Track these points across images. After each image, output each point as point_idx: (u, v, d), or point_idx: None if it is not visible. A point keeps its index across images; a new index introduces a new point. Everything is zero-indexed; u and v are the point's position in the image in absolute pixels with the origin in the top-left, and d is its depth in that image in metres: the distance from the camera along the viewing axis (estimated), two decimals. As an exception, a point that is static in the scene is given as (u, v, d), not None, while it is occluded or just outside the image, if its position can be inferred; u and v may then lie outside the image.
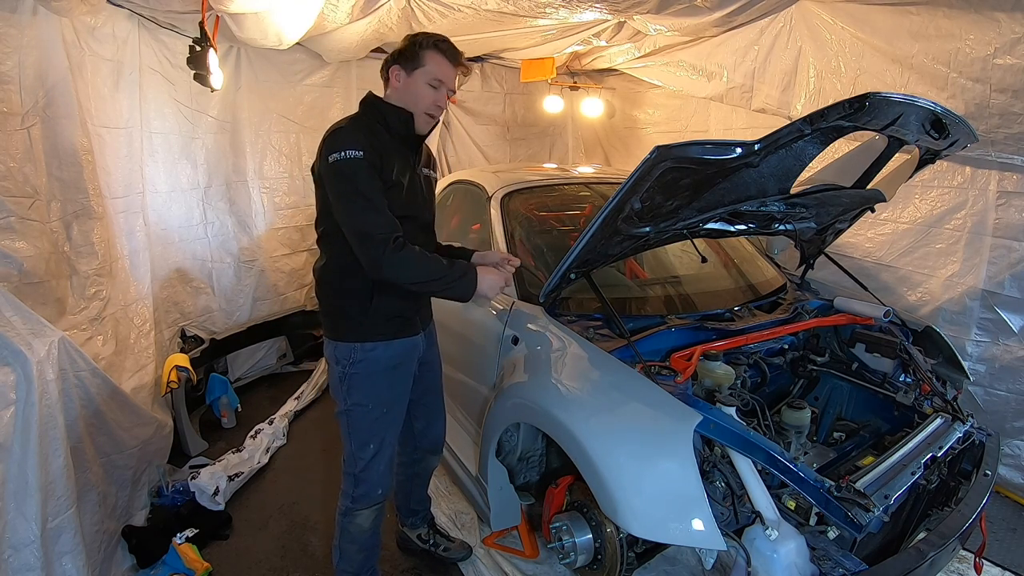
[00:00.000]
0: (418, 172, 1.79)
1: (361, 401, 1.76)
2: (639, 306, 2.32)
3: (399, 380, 1.83)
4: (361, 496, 1.82)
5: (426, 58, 1.64)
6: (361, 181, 1.54)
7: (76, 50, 2.37)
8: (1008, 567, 2.25)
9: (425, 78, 1.65)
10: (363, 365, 1.74)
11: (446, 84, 1.68)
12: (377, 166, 1.58)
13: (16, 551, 1.62)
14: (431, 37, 1.66)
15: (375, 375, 1.76)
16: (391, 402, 1.81)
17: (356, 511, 1.83)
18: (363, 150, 1.54)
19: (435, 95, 1.68)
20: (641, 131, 4.80)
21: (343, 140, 1.56)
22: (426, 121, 1.71)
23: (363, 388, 1.76)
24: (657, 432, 1.56)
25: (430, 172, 1.90)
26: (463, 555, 2.25)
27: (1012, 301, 2.59)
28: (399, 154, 1.68)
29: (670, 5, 2.70)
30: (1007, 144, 2.35)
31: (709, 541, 1.40)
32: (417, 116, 1.69)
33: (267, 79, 3.67)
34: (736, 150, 1.48)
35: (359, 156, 1.53)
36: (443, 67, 1.66)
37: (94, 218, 2.41)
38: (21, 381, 1.64)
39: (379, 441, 1.80)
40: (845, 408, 2.24)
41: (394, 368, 1.79)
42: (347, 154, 1.53)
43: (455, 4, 2.81)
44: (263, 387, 3.83)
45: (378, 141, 1.62)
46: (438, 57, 1.65)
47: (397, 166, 1.65)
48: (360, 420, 1.78)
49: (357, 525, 1.85)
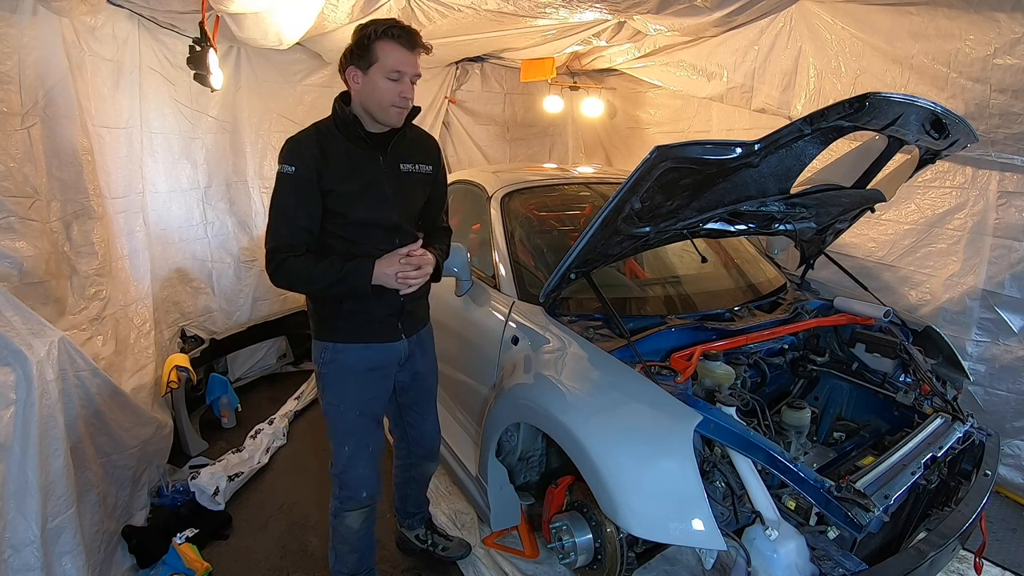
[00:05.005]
0: (385, 170, 1.69)
1: (333, 401, 1.78)
2: (639, 306, 2.32)
3: (373, 384, 1.80)
4: (346, 498, 1.82)
5: (378, 51, 1.55)
6: (282, 195, 1.60)
7: (76, 50, 2.37)
8: (1008, 567, 2.25)
9: (382, 73, 1.56)
10: (333, 366, 1.76)
11: (406, 72, 1.58)
12: (312, 179, 1.58)
13: (16, 551, 1.62)
14: (380, 25, 1.55)
15: (346, 376, 1.76)
16: (364, 405, 1.79)
17: (344, 512, 1.84)
18: (296, 164, 1.58)
19: (398, 87, 1.58)
20: (643, 131, 4.80)
21: (284, 153, 1.61)
22: (396, 115, 1.62)
23: (335, 388, 1.77)
24: (657, 432, 1.56)
25: (417, 167, 1.78)
26: (462, 553, 2.25)
27: (1012, 301, 2.59)
28: (357, 154, 1.65)
29: (670, 5, 2.70)
30: (1007, 144, 2.35)
31: (709, 541, 1.40)
32: (383, 113, 1.61)
33: (267, 79, 3.67)
34: (736, 150, 1.48)
35: (290, 172, 1.58)
36: (398, 55, 1.56)
37: (94, 218, 2.41)
38: (21, 381, 1.64)
39: (354, 443, 1.79)
40: (845, 408, 2.24)
41: (367, 371, 1.78)
42: (284, 168, 1.59)
43: (455, 4, 2.81)
44: (263, 387, 3.83)
45: (330, 148, 1.61)
46: (391, 46, 1.55)
47: (348, 167, 1.63)
48: (335, 420, 1.79)
49: (346, 526, 1.85)
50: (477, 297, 2.40)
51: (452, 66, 4.66)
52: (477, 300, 2.39)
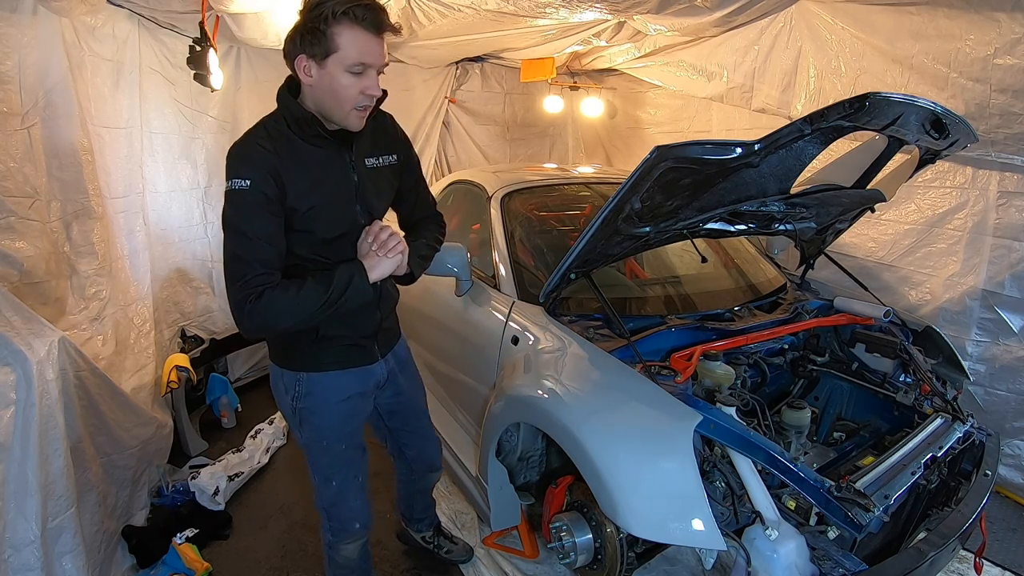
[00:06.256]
0: (351, 168, 1.46)
1: (315, 436, 1.61)
2: (639, 306, 2.32)
3: (354, 412, 1.66)
4: (338, 530, 1.72)
5: (337, 37, 1.24)
6: (240, 217, 1.31)
7: (76, 50, 2.37)
8: (1008, 567, 2.25)
9: (343, 65, 1.26)
10: (311, 398, 1.57)
11: (373, 64, 1.28)
12: (271, 194, 1.32)
13: (16, 551, 1.62)
14: (337, 3, 1.22)
15: (328, 407, 1.59)
16: (348, 436, 1.65)
17: (339, 544, 1.75)
18: (251, 177, 1.30)
19: (361, 83, 1.29)
20: (644, 131, 4.80)
21: (233, 164, 1.33)
22: (357, 117, 1.35)
23: (315, 422, 1.60)
24: (657, 432, 1.56)
25: (380, 159, 1.53)
26: (465, 557, 2.24)
27: (1012, 301, 2.59)
28: (319, 158, 1.40)
29: (670, 5, 2.70)
30: (1007, 144, 2.35)
31: (709, 541, 1.40)
32: (342, 115, 1.34)
33: (267, 79, 3.66)
34: (736, 150, 1.48)
35: (244, 187, 1.30)
36: (363, 43, 1.25)
37: (94, 218, 2.41)
38: (21, 381, 1.64)
39: (341, 477, 1.66)
40: (845, 408, 2.24)
41: (347, 399, 1.62)
42: (234, 184, 1.31)
43: (455, 4, 2.81)
44: (263, 387, 3.81)
45: (285, 151, 1.35)
46: (353, 31, 1.24)
47: (312, 176, 1.38)
48: (319, 456, 1.65)
49: (344, 556, 1.77)
50: (477, 297, 2.40)
51: (452, 66, 4.66)
52: (477, 300, 2.39)
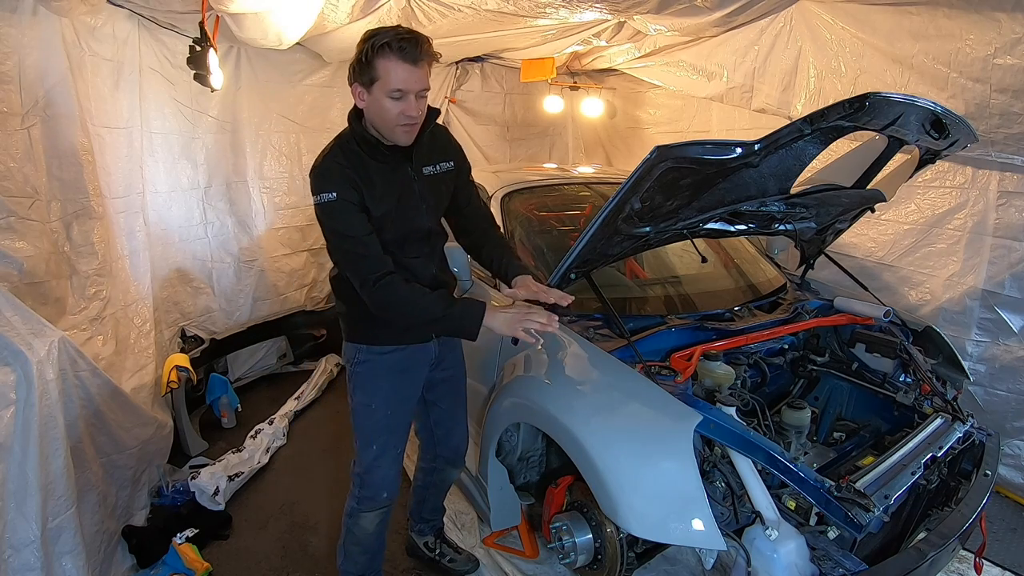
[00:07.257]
0: (414, 178, 1.66)
1: (364, 401, 1.78)
2: (639, 306, 2.32)
3: (405, 384, 1.82)
4: (366, 498, 1.82)
5: (379, 68, 1.44)
6: (340, 223, 1.53)
7: (76, 50, 2.37)
8: (1008, 567, 2.25)
9: (384, 91, 1.46)
10: (367, 366, 1.76)
11: (410, 90, 1.47)
12: (356, 201, 1.53)
13: (16, 551, 1.62)
14: (380, 38, 1.42)
15: (379, 376, 1.77)
16: (395, 404, 1.80)
17: (361, 512, 1.83)
18: (336, 189, 1.51)
19: (401, 106, 1.48)
20: (643, 131, 4.80)
21: (318, 181, 1.53)
22: (403, 133, 1.54)
23: (367, 388, 1.77)
24: (657, 432, 1.56)
25: (439, 167, 1.73)
26: (469, 568, 2.20)
27: (1012, 301, 2.59)
28: (385, 172, 1.60)
29: (670, 5, 2.70)
30: (1007, 144, 2.35)
31: (709, 541, 1.40)
32: (390, 133, 1.54)
33: (267, 79, 3.67)
34: (736, 150, 1.48)
35: (332, 199, 1.51)
36: (400, 73, 1.44)
37: (94, 218, 2.41)
38: (21, 381, 1.64)
39: (382, 443, 1.80)
40: (845, 408, 2.24)
41: (400, 372, 1.79)
42: (322, 198, 1.51)
43: (455, 4, 2.80)
44: (263, 387, 3.82)
45: (358, 165, 1.55)
46: (391, 63, 1.43)
47: (381, 187, 1.58)
48: (364, 420, 1.79)
49: (361, 527, 1.85)
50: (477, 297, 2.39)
51: (452, 66, 4.65)
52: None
